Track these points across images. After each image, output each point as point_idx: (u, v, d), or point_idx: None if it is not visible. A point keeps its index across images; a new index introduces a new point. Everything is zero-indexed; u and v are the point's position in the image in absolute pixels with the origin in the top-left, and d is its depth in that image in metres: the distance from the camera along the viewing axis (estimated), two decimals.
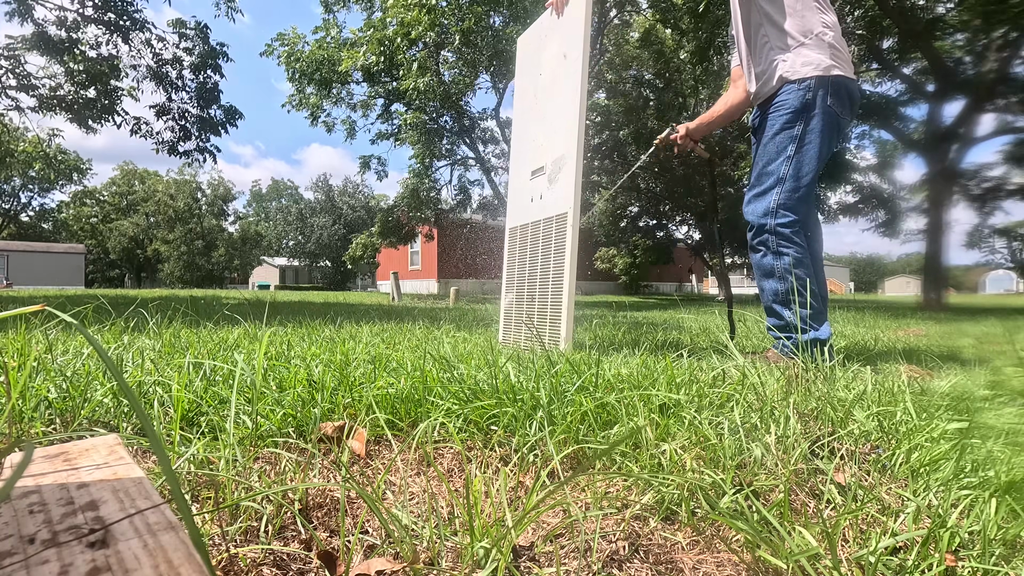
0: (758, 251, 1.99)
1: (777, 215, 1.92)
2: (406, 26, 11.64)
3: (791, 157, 1.92)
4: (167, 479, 0.34)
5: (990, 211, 12.29)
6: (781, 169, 1.93)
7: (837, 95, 1.89)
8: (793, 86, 1.93)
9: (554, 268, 2.17)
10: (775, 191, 1.93)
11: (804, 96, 1.90)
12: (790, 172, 1.91)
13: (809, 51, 1.91)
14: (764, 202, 1.95)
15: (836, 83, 1.89)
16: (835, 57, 1.90)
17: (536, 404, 1.00)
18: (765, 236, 1.95)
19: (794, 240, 1.90)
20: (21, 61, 9.91)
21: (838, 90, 1.89)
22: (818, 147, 1.90)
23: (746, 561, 0.61)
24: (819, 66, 1.89)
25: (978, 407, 1.03)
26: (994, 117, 10.98)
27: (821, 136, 1.89)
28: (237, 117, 11.69)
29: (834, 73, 1.89)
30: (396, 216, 16.43)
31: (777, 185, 1.93)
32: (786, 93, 1.95)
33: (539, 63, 2.42)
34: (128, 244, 47.78)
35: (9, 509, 0.45)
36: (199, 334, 2.07)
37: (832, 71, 1.89)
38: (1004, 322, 3.90)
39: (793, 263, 1.89)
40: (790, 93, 1.93)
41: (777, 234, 1.92)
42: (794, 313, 1.88)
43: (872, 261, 74.97)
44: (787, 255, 1.90)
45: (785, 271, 1.90)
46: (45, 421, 0.95)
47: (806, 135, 1.90)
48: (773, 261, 1.93)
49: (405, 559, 0.57)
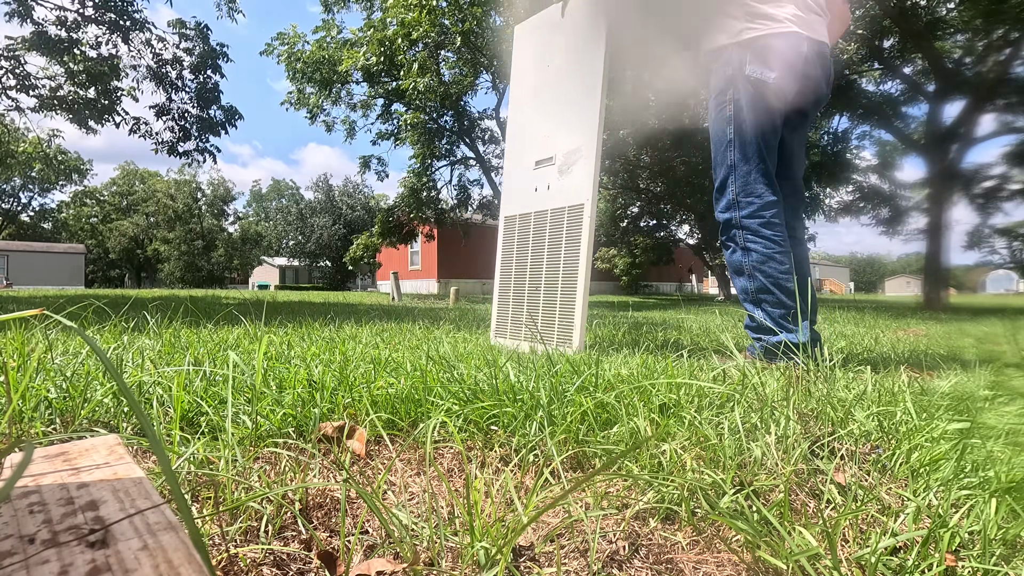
0: (728, 247, 1.87)
1: (740, 207, 1.79)
2: (406, 26, 11.65)
3: (732, 141, 1.79)
4: (167, 479, 0.34)
5: (991, 211, 12.30)
6: (728, 156, 1.81)
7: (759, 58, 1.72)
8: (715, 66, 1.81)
9: (566, 262, 2.08)
10: (730, 181, 1.81)
11: (724, 71, 1.77)
12: (737, 157, 1.78)
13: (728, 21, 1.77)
14: (725, 196, 1.83)
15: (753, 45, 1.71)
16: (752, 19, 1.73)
17: (536, 404, 1.00)
18: (732, 232, 1.83)
19: (762, 232, 1.76)
20: (21, 61, 9.92)
21: (758, 52, 1.71)
22: (753, 121, 1.73)
23: (746, 561, 0.61)
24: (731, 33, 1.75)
25: (979, 407, 1.03)
26: (994, 117, 10.99)
27: (751, 108, 1.74)
28: (237, 118, 11.69)
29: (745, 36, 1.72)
30: (396, 216, 16.44)
31: (730, 174, 1.81)
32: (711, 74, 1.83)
33: (547, 55, 2.35)
34: (128, 244, 47.79)
35: (9, 509, 0.45)
36: (199, 334, 2.07)
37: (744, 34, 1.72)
38: (1005, 322, 3.90)
39: (761, 259, 1.76)
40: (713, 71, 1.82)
41: (743, 227, 1.79)
42: (766, 313, 1.76)
43: (872, 261, 74.98)
44: (754, 250, 1.77)
45: (753, 268, 1.77)
46: (45, 421, 0.95)
47: (738, 112, 1.76)
48: (741, 258, 1.80)
49: (405, 559, 0.57)
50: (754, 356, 1.79)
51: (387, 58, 12.65)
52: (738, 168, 1.78)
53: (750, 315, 1.83)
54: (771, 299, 1.75)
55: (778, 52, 1.72)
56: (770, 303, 1.76)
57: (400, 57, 12.47)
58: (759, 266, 1.76)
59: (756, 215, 1.76)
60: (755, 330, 1.81)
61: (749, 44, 1.73)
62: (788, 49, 1.73)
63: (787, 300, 1.74)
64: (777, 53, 1.72)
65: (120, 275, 50.64)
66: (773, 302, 1.75)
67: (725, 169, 1.82)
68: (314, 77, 14.26)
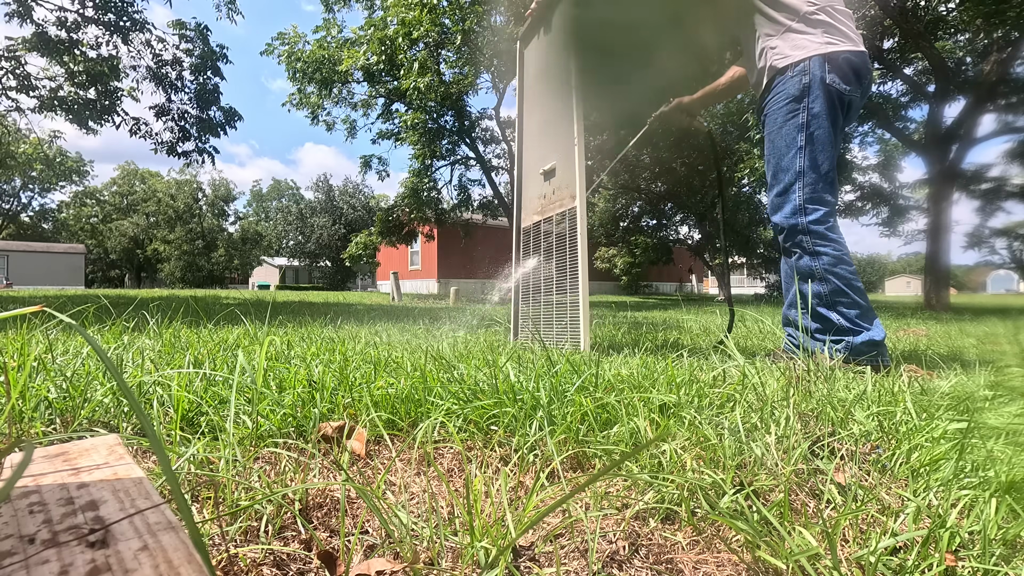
0: (793, 253, 1.87)
1: (807, 212, 1.80)
2: (407, 25, 11.65)
3: (803, 148, 1.81)
4: (167, 479, 0.34)
5: (991, 211, 12.30)
6: (796, 163, 1.83)
7: (837, 71, 1.78)
8: (787, 74, 1.84)
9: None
10: (797, 187, 1.82)
11: (800, 81, 1.81)
12: (807, 164, 1.80)
13: (798, 34, 1.82)
14: (789, 201, 1.84)
15: (832, 59, 1.78)
16: (829, 32, 1.80)
17: (536, 404, 1.00)
18: (799, 237, 1.83)
19: (829, 236, 1.78)
20: (21, 62, 9.92)
21: (836, 66, 1.78)
22: (827, 130, 1.79)
23: (746, 561, 0.61)
24: (809, 47, 1.80)
25: (979, 407, 1.03)
26: (995, 117, 10.99)
27: (827, 119, 1.79)
28: (236, 118, 11.69)
29: (828, 50, 1.78)
30: (396, 216, 16.44)
31: (797, 180, 1.82)
32: (781, 83, 1.86)
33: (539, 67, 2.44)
34: (128, 244, 47.81)
35: (9, 509, 0.45)
36: (199, 334, 2.07)
37: (825, 48, 1.78)
38: (1006, 322, 3.90)
39: (833, 261, 1.77)
40: (785, 82, 1.85)
41: (811, 233, 1.80)
42: (842, 315, 1.77)
43: (873, 261, 74.97)
44: (825, 254, 1.78)
45: (825, 271, 1.78)
46: (45, 421, 0.95)
47: (811, 121, 1.80)
48: (811, 262, 1.81)
49: (405, 559, 0.57)
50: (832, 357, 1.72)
51: (388, 57, 12.66)
52: (807, 175, 1.81)
53: (823, 319, 1.82)
54: (846, 300, 1.77)
55: (855, 68, 1.80)
56: (845, 304, 1.78)
57: (400, 56, 12.47)
58: (831, 269, 1.78)
59: (823, 220, 1.79)
60: (834, 332, 1.80)
61: (831, 57, 1.79)
62: (863, 66, 1.82)
63: (860, 300, 1.77)
64: (855, 69, 1.80)
65: (120, 275, 50.65)
66: (848, 303, 1.77)
67: (792, 175, 1.84)
68: (315, 77, 14.26)
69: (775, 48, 1.87)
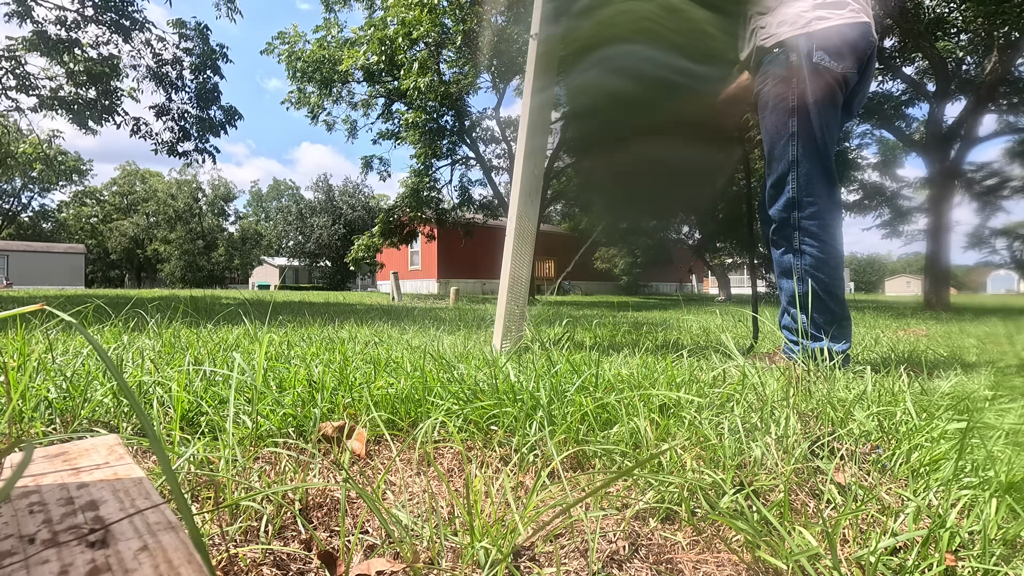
0: (779, 247, 1.77)
1: (800, 206, 1.69)
2: (407, 25, 11.64)
3: (795, 134, 1.67)
4: (167, 479, 0.34)
5: (991, 211, 12.30)
6: (789, 151, 1.69)
7: (828, 48, 1.63)
8: (774, 53, 1.70)
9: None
10: (790, 178, 1.70)
11: (788, 60, 1.66)
12: (800, 151, 1.67)
13: (787, 7, 1.68)
14: (784, 194, 1.72)
15: (823, 35, 1.62)
16: (822, 5, 1.65)
17: (536, 404, 1.00)
18: (788, 231, 1.73)
19: (819, 236, 1.68)
20: (21, 62, 9.92)
21: (828, 42, 1.63)
22: (820, 114, 1.64)
23: (746, 561, 0.61)
24: (797, 22, 1.65)
25: (979, 407, 1.03)
26: (996, 117, 10.99)
27: (821, 101, 1.64)
28: (237, 117, 11.70)
29: (817, 27, 1.63)
30: (397, 216, 16.45)
31: (791, 171, 1.69)
32: (768, 63, 1.72)
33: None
34: (128, 244, 47.81)
35: (9, 509, 0.45)
36: (199, 334, 2.07)
37: (815, 24, 1.63)
38: (1006, 322, 3.90)
39: (815, 263, 1.68)
40: (772, 62, 1.71)
41: (801, 229, 1.70)
42: (811, 320, 1.69)
43: (873, 261, 74.92)
44: (809, 254, 1.69)
45: (805, 272, 1.69)
46: (45, 421, 0.95)
47: (804, 105, 1.65)
48: (793, 260, 1.72)
49: (405, 559, 0.57)
50: (789, 358, 1.71)
51: (388, 57, 12.65)
52: (800, 164, 1.68)
53: (791, 316, 1.76)
54: (817, 305, 1.68)
55: (850, 41, 1.64)
56: (816, 308, 1.69)
57: (401, 56, 12.47)
58: (811, 271, 1.69)
59: (817, 216, 1.68)
60: (795, 332, 1.74)
61: (817, 33, 1.64)
62: (860, 39, 1.65)
63: (834, 307, 1.68)
64: (848, 42, 1.64)
65: (120, 275, 50.65)
66: (819, 307, 1.69)
67: (785, 164, 1.71)
68: (315, 76, 14.26)
69: (764, 27, 1.75)
